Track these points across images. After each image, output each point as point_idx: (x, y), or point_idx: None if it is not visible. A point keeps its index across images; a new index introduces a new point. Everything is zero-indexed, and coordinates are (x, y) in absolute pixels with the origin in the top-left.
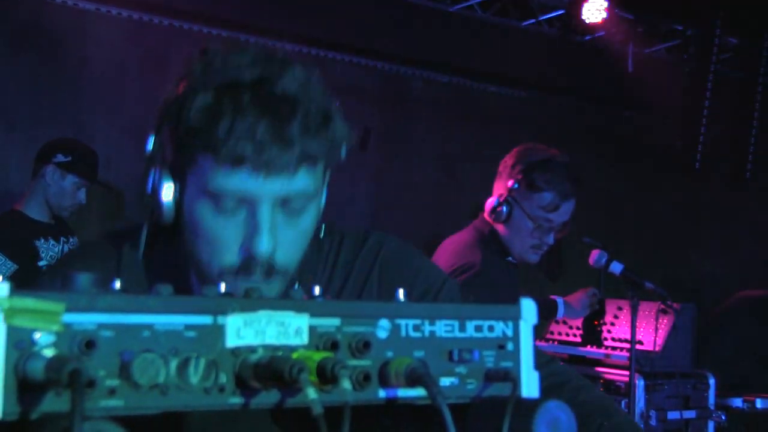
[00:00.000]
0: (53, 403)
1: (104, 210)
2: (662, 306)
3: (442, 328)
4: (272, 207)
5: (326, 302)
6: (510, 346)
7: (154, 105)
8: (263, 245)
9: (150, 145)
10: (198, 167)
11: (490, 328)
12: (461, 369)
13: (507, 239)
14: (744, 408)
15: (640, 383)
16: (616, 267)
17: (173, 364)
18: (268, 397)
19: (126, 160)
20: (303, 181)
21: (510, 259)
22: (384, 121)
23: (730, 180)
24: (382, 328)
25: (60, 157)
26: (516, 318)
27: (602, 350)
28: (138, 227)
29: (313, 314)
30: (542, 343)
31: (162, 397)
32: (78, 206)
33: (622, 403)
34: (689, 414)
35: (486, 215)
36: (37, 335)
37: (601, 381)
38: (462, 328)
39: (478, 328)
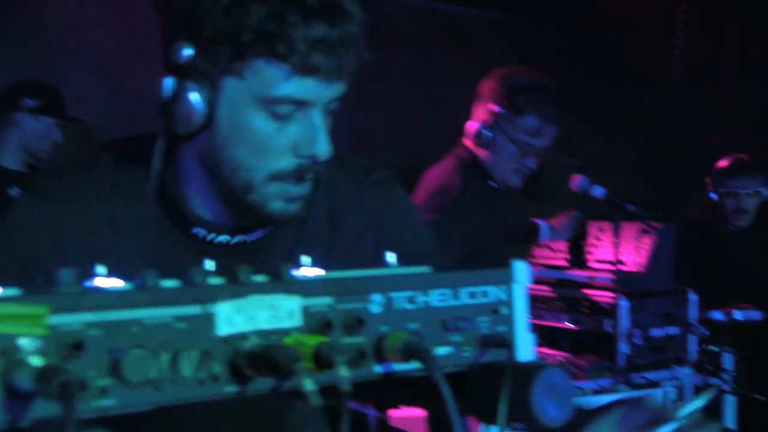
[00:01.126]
0: (43, 409)
1: (76, 147)
2: (644, 226)
3: (436, 297)
4: (324, 110)
5: (317, 281)
6: (504, 310)
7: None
8: (324, 148)
9: (170, 52)
10: (255, 73)
11: (484, 294)
12: (456, 337)
13: (489, 163)
14: (724, 320)
15: (624, 304)
16: (599, 191)
17: (165, 358)
18: (264, 383)
19: (92, 95)
20: (342, 87)
21: (492, 183)
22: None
23: (707, 91)
24: (376, 303)
25: (28, 102)
26: (509, 281)
27: (586, 272)
28: (138, 140)
29: (304, 294)
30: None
31: (156, 393)
32: (55, 146)
33: (608, 323)
34: (672, 330)
35: (467, 140)
36: (23, 341)
37: (587, 303)
38: (456, 296)
39: (472, 295)
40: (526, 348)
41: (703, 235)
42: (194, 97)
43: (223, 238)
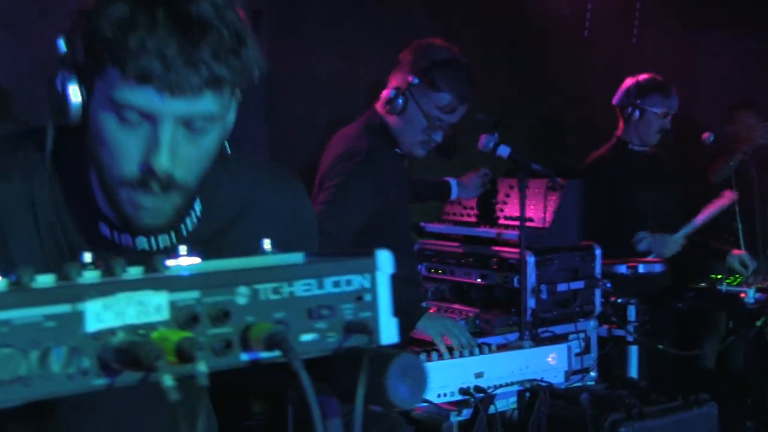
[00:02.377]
0: None
1: None
2: (550, 184)
3: (301, 287)
4: (174, 125)
5: (184, 276)
6: (368, 297)
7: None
8: (162, 162)
9: (62, 46)
10: (106, 77)
11: (348, 282)
12: (321, 324)
13: (397, 131)
14: (628, 274)
15: (530, 259)
16: (504, 150)
17: (34, 355)
18: (132, 376)
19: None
20: (208, 103)
21: (398, 150)
22: (275, 3)
23: (618, 45)
24: (241, 295)
25: None
26: (373, 270)
27: (495, 229)
28: (39, 129)
29: (172, 290)
30: (438, 224)
31: (25, 389)
32: None
33: (515, 279)
34: (577, 285)
35: (379, 105)
36: None
37: (495, 259)
38: (320, 286)
39: (336, 284)
40: (389, 333)
41: (612, 163)
42: (68, 90)
43: (127, 239)
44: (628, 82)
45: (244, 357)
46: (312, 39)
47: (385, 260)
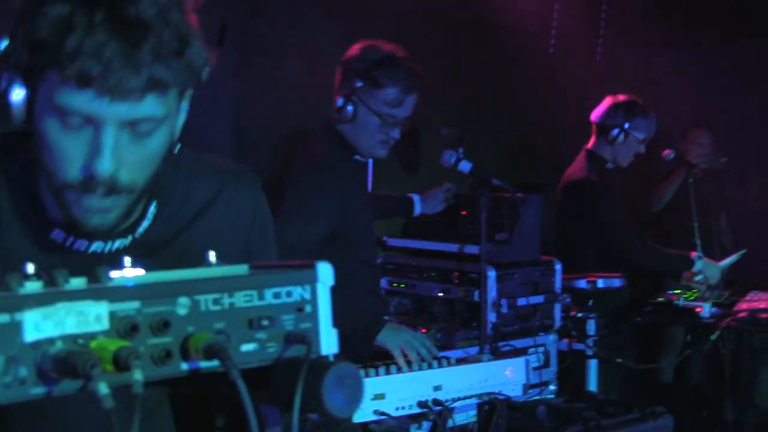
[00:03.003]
0: None
1: None
2: (510, 199)
3: (242, 298)
4: (117, 128)
5: (125, 287)
6: (308, 308)
7: None
8: (104, 166)
9: (4, 46)
10: (47, 80)
11: (288, 294)
12: (261, 335)
13: (353, 137)
14: (587, 288)
15: (491, 274)
16: (465, 166)
17: None
18: (70, 385)
19: None
20: (151, 106)
21: (357, 157)
22: (242, 16)
23: (582, 62)
24: (182, 306)
25: None
26: (313, 281)
27: (457, 244)
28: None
29: (112, 300)
30: (401, 239)
31: None
32: None
33: (475, 293)
34: (537, 299)
35: (332, 115)
36: None
37: (457, 273)
38: (261, 297)
39: (277, 295)
40: (329, 343)
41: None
42: (11, 93)
43: (80, 244)
44: (609, 100)
45: (184, 366)
46: (279, 50)
47: (325, 272)
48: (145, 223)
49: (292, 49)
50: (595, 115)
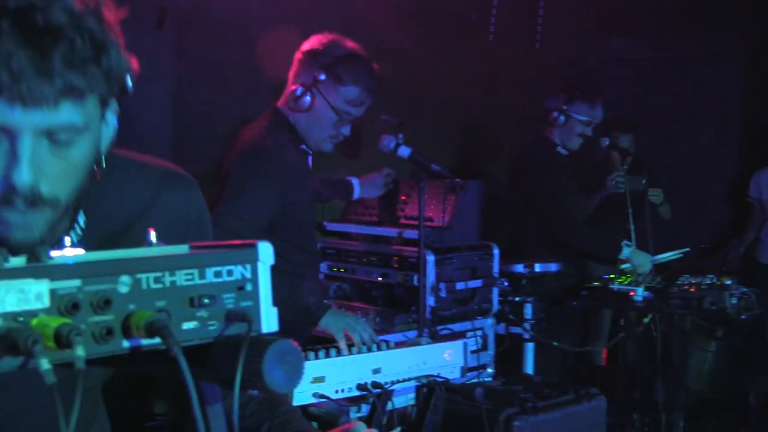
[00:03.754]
0: None
1: None
2: (449, 184)
3: (183, 277)
4: (34, 138)
5: (66, 265)
6: (249, 286)
7: None
8: (22, 177)
9: None
10: None
11: (229, 273)
12: (202, 313)
13: (304, 128)
14: (525, 272)
15: (430, 258)
16: (404, 151)
17: None
18: (11, 362)
19: None
20: (68, 114)
21: (303, 147)
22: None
23: (521, 50)
24: (123, 284)
25: None
26: (254, 260)
27: (396, 228)
28: None
29: (53, 278)
30: (340, 224)
31: None
32: None
33: (415, 277)
34: (475, 283)
35: (284, 103)
36: None
37: (396, 258)
38: (202, 275)
39: (218, 274)
40: (270, 322)
41: (553, 159)
42: None
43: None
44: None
45: (126, 344)
46: (218, 36)
47: (266, 251)
48: (74, 235)
49: (233, 33)
50: (547, 101)
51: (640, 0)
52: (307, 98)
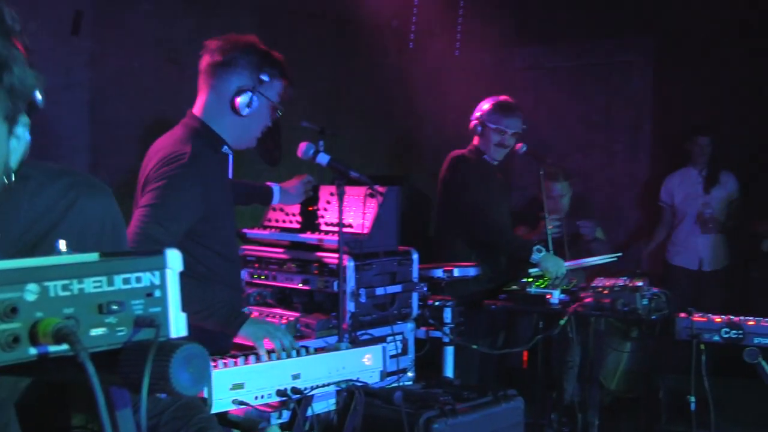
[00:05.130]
0: None
1: None
2: (369, 191)
3: (91, 284)
4: None
5: None
6: (157, 293)
7: None
8: None
9: None
10: None
11: (138, 279)
12: (111, 319)
13: (238, 130)
14: (444, 277)
15: (350, 264)
16: (323, 158)
17: None
18: None
19: None
20: None
21: (225, 149)
22: (98, 3)
23: (441, 57)
24: (30, 292)
25: None
26: (162, 267)
27: (316, 235)
28: None
29: None
30: (260, 231)
31: None
32: None
33: (335, 283)
34: (395, 288)
35: (201, 110)
36: None
37: (317, 264)
38: (110, 283)
39: (126, 281)
40: (178, 327)
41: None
42: None
43: None
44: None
45: (32, 351)
46: (136, 40)
47: (174, 259)
48: None
49: (151, 39)
50: None
51: (556, 9)
52: (256, 100)
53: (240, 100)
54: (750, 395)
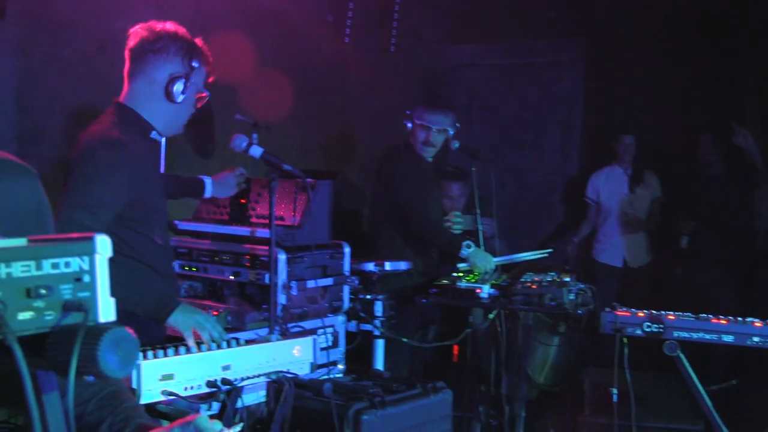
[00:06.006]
0: None
1: None
2: (301, 184)
3: (19, 269)
4: None
5: None
6: (86, 278)
7: None
8: None
9: None
10: None
11: (67, 264)
12: (39, 303)
13: (170, 116)
14: (375, 271)
15: (281, 257)
16: (256, 150)
17: None
18: None
19: None
20: None
21: (154, 135)
22: None
23: (377, 53)
24: None
25: None
26: (91, 253)
27: (248, 227)
28: None
29: None
30: (192, 222)
31: None
32: None
33: (266, 276)
34: (326, 281)
35: (128, 98)
36: None
37: (248, 257)
38: (39, 267)
39: (55, 266)
40: (106, 311)
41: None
42: None
43: None
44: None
45: None
46: (65, 28)
47: (103, 244)
48: None
49: (80, 27)
50: None
51: (492, 8)
52: (189, 86)
53: (175, 87)
54: (670, 388)
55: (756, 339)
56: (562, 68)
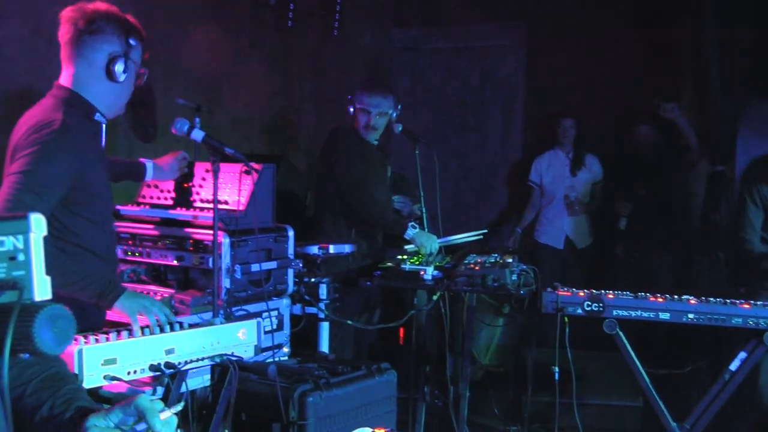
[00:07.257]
0: None
1: None
2: (244, 168)
3: None
4: None
5: None
6: (21, 256)
7: None
8: None
9: None
10: None
11: (0, 243)
12: None
13: (112, 96)
14: (320, 254)
15: (225, 241)
16: (198, 134)
17: None
18: None
19: None
20: None
21: (97, 117)
22: None
23: (320, 36)
24: None
25: None
26: (25, 231)
27: (191, 212)
28: None
29: None
30: (134, 207)
31: None
32: None
33: (210, 260)
34: (270, 265)
35: (66, 81)
36: None
37: (191, 241)
38: None
39: None
40: (42, 290)
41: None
42: None
43: None
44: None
45: None
46: (1, 11)
47: (38, 223)
48: None
49: (16, 10)
50: None
51: None
52: (132, 66)
53: (117, 66)
54: (609, 365)
55: (691, 316)
56: (504, 52)
